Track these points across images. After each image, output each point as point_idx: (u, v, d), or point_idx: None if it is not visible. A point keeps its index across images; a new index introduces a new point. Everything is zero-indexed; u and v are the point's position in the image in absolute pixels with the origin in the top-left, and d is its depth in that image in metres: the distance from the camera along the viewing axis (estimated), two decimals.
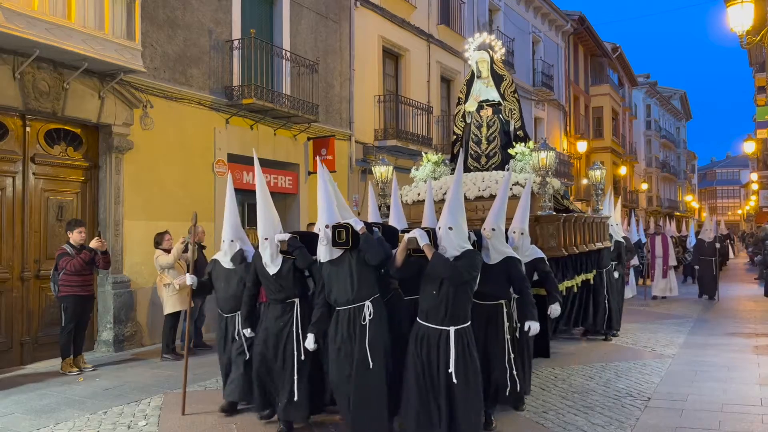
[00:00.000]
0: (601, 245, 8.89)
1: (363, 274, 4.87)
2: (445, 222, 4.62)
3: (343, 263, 4.90)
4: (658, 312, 12.45)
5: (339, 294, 4.91)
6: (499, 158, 8.41)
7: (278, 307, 5.33)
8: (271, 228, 5.36)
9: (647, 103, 43.88)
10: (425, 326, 4.59)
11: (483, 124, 8.67)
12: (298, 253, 5.22)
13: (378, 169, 8.84)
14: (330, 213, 5.04)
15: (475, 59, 9.00)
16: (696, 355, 8.24)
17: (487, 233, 5.38)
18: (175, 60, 9.90)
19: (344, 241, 4.85)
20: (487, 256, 5.32)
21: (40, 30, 7.37)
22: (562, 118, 26.75)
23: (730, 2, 8.38)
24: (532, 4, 23.59)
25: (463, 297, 4.56)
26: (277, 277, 5.29)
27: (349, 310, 4.88)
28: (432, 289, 4.56)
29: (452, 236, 4.57)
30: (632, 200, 37.21)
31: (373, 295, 4.91)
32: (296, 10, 12.47)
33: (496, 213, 5.44)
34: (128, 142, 9.05)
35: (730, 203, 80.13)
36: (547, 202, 7.25)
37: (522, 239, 6.01)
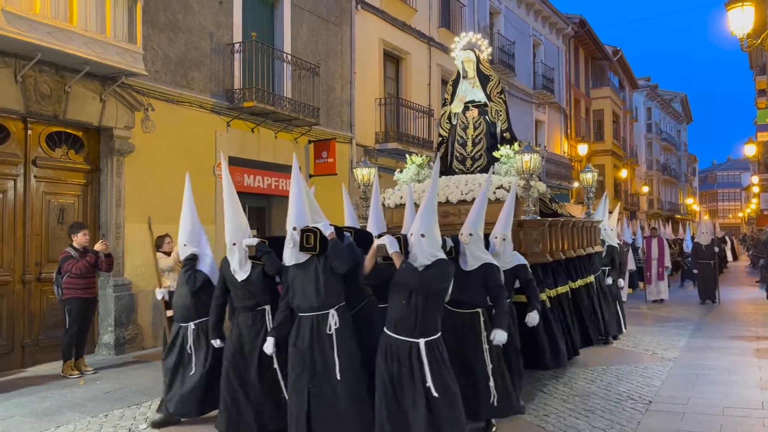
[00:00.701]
0: (591, 250, 8.59)
1: (329, 281, 4.68)
2: (417, 229, 4.40)
3: (309, 268, 4.72)
4: (659, 315, 12.44)
5: (302, 300, 4.72)
6: (485, 161, 8.16)
7: (248, 316, 5.13)
8: (238, 233, 5.15)
9: (648, 106, 43.90)
10: (394, 338, 4.36)
11: (469, 126, 8.41)
12: (266, 258, 5.02)
13: (359, 171, 8.54)
14: (299, 215, 4.84)
15: (461, 59, 8.73)
16: (697, 359, 8.23)
17: (464, 238, 5.20)
18: (177, 63, 9.92)
19: (312, 246, 4.66)
20: (464, 262, 5.18)
21: (42, 33, 7.39)
22: (562, 121, 26.76)
23: (731, 5, 8.40)
24: (533, 8, 23.62)
25: (434, 308, 4.36)
26: (246, 283, 5.09)
27: (312, 317, 4.68)
28: (401, 298, 4.35)
29: (424, 244, 4.36)
30: (633, 203, 37.20)
31: (339, 303, 4.74)
32: (297, 14, 12.49)
33: (474, 217, 5.26)
34: (129, 145, 9.06)
35: (731, 206, 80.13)
36: (531, 206, 7.02)
37: (504, 245, 5.82)
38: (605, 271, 9.33)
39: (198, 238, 5.66)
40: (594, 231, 9.05)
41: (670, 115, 50.26)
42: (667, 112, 49.02)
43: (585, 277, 8.28)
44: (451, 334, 4.96)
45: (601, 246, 9.34)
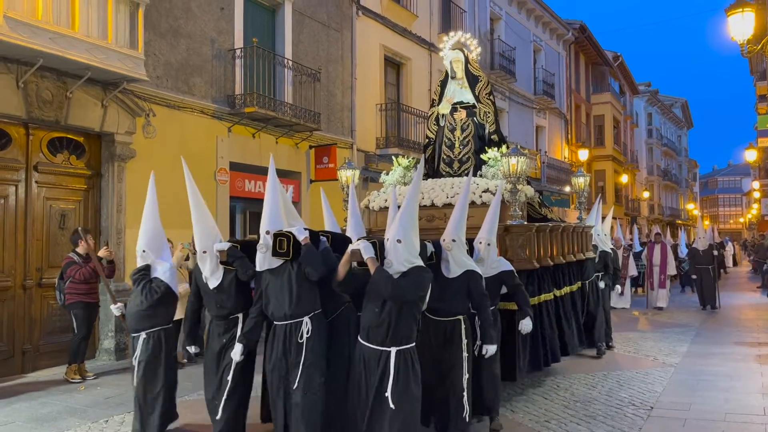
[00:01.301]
0: (582, 256, 8.31)
1: (303, 287, 4.50)
2: (394, 234, 4.20)
3: (282, 274, 4.54)
4: (660, 321, 12.42)
5: (276, 307, 4.55)
6: (473, 163, 7.92)
7: (221, 324, 4.95)
8: (208, 239, 4.92)
9: (648, 111, 43.94)
10: (366, 347, 4.22)
11: (456, 128, 8.14)
12: (238, 263, 4.81)
13: (343, 173, 8.19)
14: (273, 218, 4.64)
15: (450, 59, 8.45)
16: (699, 364, 8.21)
17: (446, 245, 5.01)
18: (178, 69, 9.95)
19: (285, 251, 4.49)
20: (447, 269, 5.01)
21: (43, 39, 7.41)
22: (563, 127, 26.79)
23: (731, 11, 8.41)
24: (534, 13, 23.68)
25: (409, 316, 4.19)
26: (219, 290, 4.90)
27: (285, 326, 4.52)
28: (374, 306, 4.18)
29: (400, 249, 4.17)
30: (634, 208, 37.19)
31: (313, 310, 4.57)
32: (298, 20, 12.52)
33: (456, 223, 5.05)
34: (131, 150, 9.08)
35: (732, 211, 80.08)
36: (517, 211, 6.77)
37: (488, 250, 5.58)
38: (599, 276, 9.09)
39: (160, 244, 5.31)
40: (585, 236, 8.78)
41: (670, 121, 50.29)
42: (667, 117, 49.05)
43: (573, 284, 7.98)
44: (432, 342, 4.91)
45: (594, 252, 9.02)
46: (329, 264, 4.53)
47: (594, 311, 8.53)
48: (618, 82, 35.83)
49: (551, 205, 22.86)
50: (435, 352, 4.90)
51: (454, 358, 4.89)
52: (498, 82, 20.62)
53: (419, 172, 4.67)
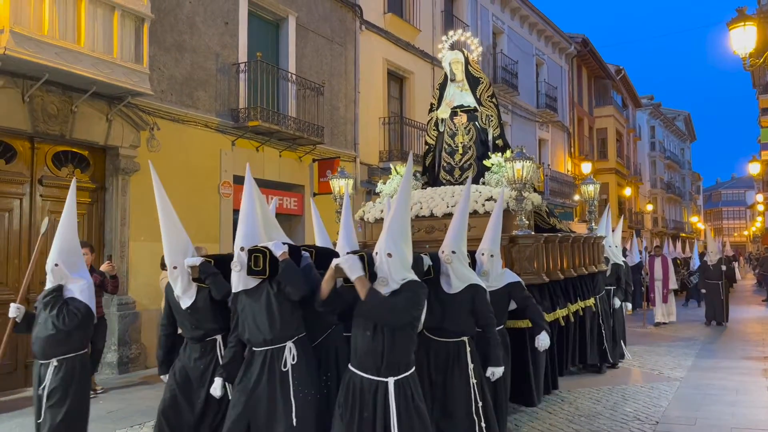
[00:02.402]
0: (594, 269, 7.90)
1: (285, 309, 4.03)
2: (383, 247, 3.75)
3: (260, 295, 4.07)
4: (665, 334, 12.34)
5: (254, 332, 4.06)
6: (475, 170, 7.42)
7: (197, 347, 4.45)
8: (179, 254, 4.43)
9: (651, 124, 43.98)
10: (358, 376, 3.69)
11: (457, 133, 7.65)
12: (211, 281, 4.34)
13: (335, 182, 7.68)
14: (249, 232, 4.19)
15: (449, 60, 7.91)
16: (704, 379, 8.15)
17: (445, 257, 4.58)
18: (182, 83, 10.01)
19: (261, 269, 4.01)
20: (447, 283, 4.57)
21: (49, 54, 7.48)
22: (566, 140, 26.83)
23: (733, 25, 8.44)
24: (536, 27, 23.80)
25: (405, 340, 3.71)
26: (192, 310, 4.41)
27: (265, 352, 4.03)
28: (365, 329, 3.69)
29: (391, 264, 3.71)
30: (637, 221, 37.11)
31: (297, 334, 4.09)
32: (302, 34, 12.61)
33: (456, 233, 4.65)
34: (135, 164, 9.12)
35: (736, 224, 79.86)
36: (524, 220, 6.24)
37: (492, 262, 5.20)
38: (610, 291, 8.78)
39: (75, 258, 4.65)
40: (597, 248, 8.36)
41: (673, 134, 50.32)
42: (670, 130, 49.09)
43: (587, 299, 7.61)
44: (433, 366, 4.50)
45: (605, 264, 8.74)
46: (312, 282, 4.08)
47: (605, 328, 8.16)
48: (620, 96, 35.92)
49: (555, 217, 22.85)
50: (437, 378, 4.48)
51: (461, 384, 4.41)
52: (501, 95, 20.69)
53: (407, 176, 4.10)
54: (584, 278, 7.62)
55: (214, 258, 4.52)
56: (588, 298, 7.61)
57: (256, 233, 4.21)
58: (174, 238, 4.48)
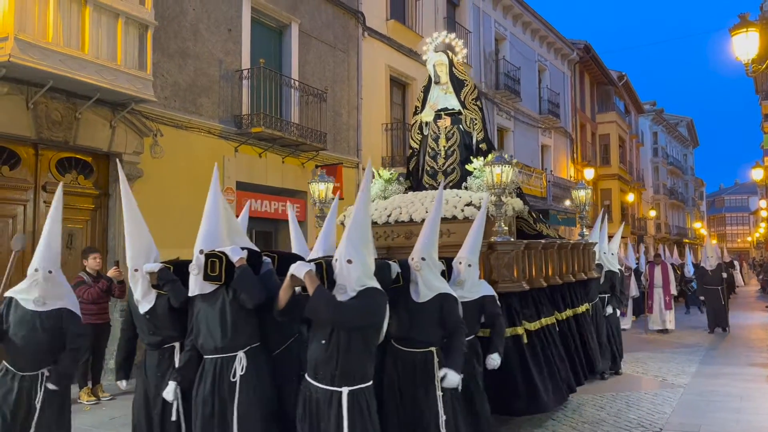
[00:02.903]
0: (584, 276, 7.61)
1: (239, 316, 3.90)
2: (343, 253, 3.63)
3: (216, 301, 3.95)
4: (668, 341, 12.30)
5: (206, 339, 3.94)
6: (458, 175, 7.22)
7: (155, 354, 4.34)
8: (141, 257, 4.33)
9: (654, 130, 43.97)
10: (313, 386, 3.59)
11: (441, 136, 7.43)
12: (169, 287, 4.20)
13: (315, 186, 7.44)
14: (209, 235, 4.08)
15: (433, 62, 7.72)
16: (708, 385, 8.12)
17: (414, 264, 4.42)
18: (186, 89, 10.05)
19: (216, 274, 3.90)
20: (416, 292, 4.41)
21: (54, 61, 7.51)
22: (568, 146, 26.83)
23: (735, 31, 8.45)
24: (538, 34, 23.84)
25: (361, 348, 3.56)
26: (151, 316, 4.28)
27: (215, 360, 3.91)
28: (321, 336, 3.57)
29: (351, 271, 3.57)
30: (641, 227, 37.06)
31: (250, 343, 3.96)
32: (305, 41, 12.65)
33: (426, 239, 4.49)
34: (138, 170, 9.14)
35: (740, 230, 79.69)
36: (503, 226, 6.01)
37: (468, 272, 5.02)
38: (604, 299, 8.50)
39: (55, 260, 4.51)
40: (587, 254, 8.04)
41: (676, 140, 50.30)
42: (673, 136, 49.07)
43: (576, 307, 7.34)
44: (400, 377, 4.37)
45: (599, 271, 8.37)
46: (270, 289, 3.91)
47: (598, 337, 7.87)
48: (623, 102, 35.92)
49: (558, 224, 22.83)
50: (404, 389, 4.33)
51: (427, 396, 4.27)
52: (503, 101, 20.72)
53: (367, 180, 4.00)
54: (573, 286, 7.33)
55: (174, 264, 4.36)
56: (577, 305, 7.34)
57: (217, 237, 4.10)
58: (137, 240, 4.39)
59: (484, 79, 19.68)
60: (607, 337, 8.38)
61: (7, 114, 7.70)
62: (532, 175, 21.12)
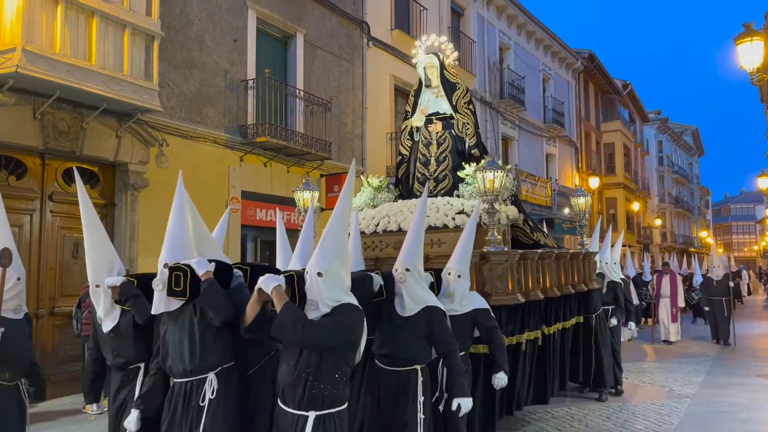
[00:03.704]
0: (584, 288, 7.28)
1: (208, 336, 3.55)
2: (314, 265, 3.32)
3: (183, 319, 3.60)
4: (675, 351, 12.23)
5: (175, 360, 3.58)
6: (450, 182, 6.92)
7: (118, 376, 4.00)
8: (102, 271, 3.99)
9: (659, 139, 43.92)
10: (282, 410, 3.31)
11: (432, 142, 7.13)
12: (131, 303, 3.87)
13: (299, 195, 7.18)
14: (174, 247, 3.73)
15: (423, 65, 7.35)
16: (716, 395, 8.06)
17: (398, 276, 4.14)
18: (191, 99, 10.10)
19: (181, 289, 3.55)
20: (401, 305, 4.14)
21: (61, 72, 7.57)
22: (573, 155, 26.82)
23: (740, 40, 8.45)
24: (542, 43, 23.90)
25: (332, 370, 3.23)
26: (114, 335, 3.94)
27: (185, 384, 3.56)
28: (289, 357, 3.28)
29: (322, 285, 3.27)
30: (646, 236, 36.95)
31: (222, 364, 3.62)
32: (310, 51, 12.71)
33: (410, 249, 4.22)
34: (144, 180, 9.18)
35: (746, 239, 79.36)
36: (496, 235, 5.65)
37: (458, 284, 4.71)
38: (608, 311, 8.11)
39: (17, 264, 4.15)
40: (587, 264, 7.68)
41: (681, 148, 50.22)
42: (678, 144, 49.00)
43: (567, 320, 6.97)
44: (382, 397, 4.09)
45: (600, 282, 8.04)
46: (239, 304, 3.57)
47: (601, 350, 7.54)
48: (628, 110, 35.91)
49: (563, 233, 22.78)
50: (386, 410, 4.06)
51: (407, 419, 3.96)
52: (508, 110, 20.75)
53: (347, 188, 3.66)
54: (570, 297, 6.99)
55: (137, 277, 4.02)
56: (570, 318, 7.03)
57: (185, 247, 3.76)
58: (97, 252, 4.04)
59: (488, 88, 19.72)
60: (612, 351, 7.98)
61: (15, 124, 7.75)
62: (537, 184, 21.10)
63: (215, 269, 3.67)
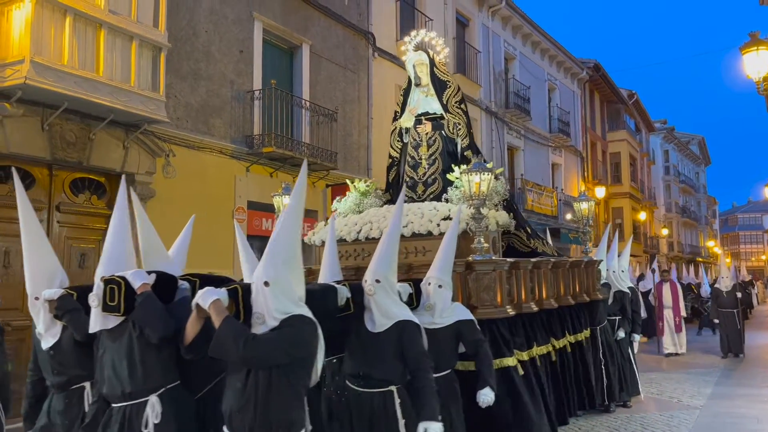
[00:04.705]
0: (586, 298, 6.88)
1: (148, 354, 3.23)
2: (260, 274, 3.04)
3: (122, 336, 3.26)
4: (683, 362, 12.14)
5: (111, 383, 3.26)
6: (440, 186, 6.51)
7: (61, 398, 3.64)
8: (42, 281, 3.66)
9: (665, 148, 43.82)
10: None
11: (422, 144, 6.72)
12: (68, 318, 3.54)
13: (279, 200, 6.95)
14: (112, 258, 3.47)
15: (412, 62, 6.96)
16: (725, 407, 7.99)
17: (367, 288, 3.80)
18: (198, 110, 10.16)
19: (115, 304, 3.24)
20: (371, 320, 3.80)
21: (69, 83, 7.62)
22: (579, 164, 26.79)
23: (745, 49, 8.44)
24: (548, 53, 23.94)
25: (285, 391, 2.92)
26: (55, 352, 3.61)
27: (123, 409, 3.22)
28: (236, 379, 2.97)
29: (268, 296, 2.97)
30: (653, 246, 36.79)
31: (165, 385, 3.28)
32: (316, 61, 12.77)
33: (381, 258, 3.89)
34: (151, 190, 9.22)
35: (754, 249, 78.86)
36: (482, 243, 5.18)
37: (439, 294, 4.34)
38: (615, 322, 7.79)
39: None
40: (590, 274, 7.27)
41: (687, 158, 50.08)
42: (684, 154, 48.88)
43: (579, 332, 6.65)
44: (354, 423, 3.76)
45: (606, 292, 7.70)
46: (180, 320, 3.24)
47: (609, 364, 7.28)
48: (633, 120, 35.89)
49: (569, 242, 22.70)
50: None
51: None
52: (513, 120, 20.77)
53: (298, 188, 3.38)
54: (576, 308, 6.64)
55: (78, 290, 3.66)
56: (581, 331, 6.70)
57: (124, 258, 3.50)
58: (36, 261, 3.71)
59: (494, 98, 19.75)
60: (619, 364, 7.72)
61: (23, 135, 7.81)
62: (543, 194, 21.07)
63: (157, 281, 3.40)
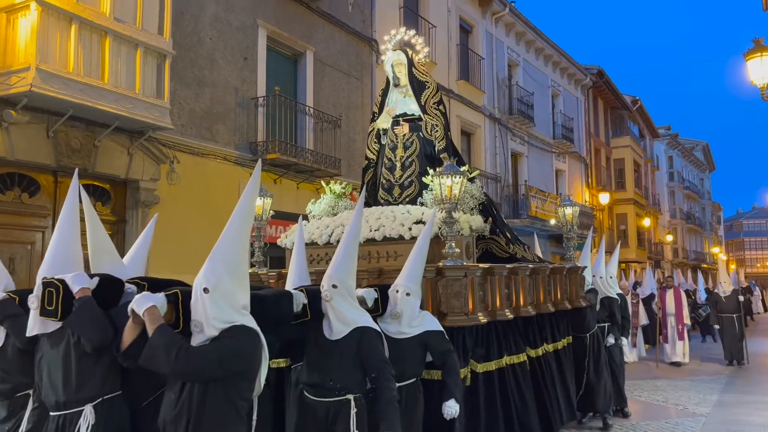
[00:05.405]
0: (567, 305, 6.65)
1: (86, 361, 3.07)
2: (200, 280, 2.93)
3: (60, 343, 3.11)
4: (688, 369, 12.08)
5: (48, 390, 3.11)
6: (416, 189, 6.30)
7: (4, 405, 3.55)
8: None
9: (669, 154, 43.77)
10: None
11: (398, 145, 6.55)
12: (9, 324, 3.43)
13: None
14: (56, 259, 3.35)
15: (390, 62, 6.77)
16: (731, 414, 7.95)
17: (324, 293, 3.68)
18: (202, 117, 10.19)
19: (53, 308, 3.09)
20: (328, 327, 3.68)
21: (74, 90, 7.66)
22: (583, 171, 26.76)
23: (749, 56, 8.44)
24: (551, 59, 23.97)
25: (221, 404, 2.79)
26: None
27: (58, 418, 3.06)
28: (172, 388, 2.86)
29: (207, 303, 2.86)
30: (657, 252, 36.70)
31: (101, 395, 3.11)
32: (319, 68, 12.82)
33: (339, 262, 3.76)
34: (155, 196, 9.24)
35: (759, 255, 78.60)
36: (453, 248, 4.95)
37: (406, 302, 4.16)
38: (604, 329, 7.51)
39: None
40: (572, 280, 7.03)
41: (692, 164, 50.00)
42: (688, 160, 48.80)
43: (558, 341, 6.40)
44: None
45: (593, 298, 7.38)
46: (120, 327, 3.09)
47: (596, 372, 6.98)
48: (637, 126, 35.86)
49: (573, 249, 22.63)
50: None
51: None
52: (517, 127, 20.78)
53: (249, 189, 3.24)
54: (555, 316, 6.43)
55: (20, 294, 3.54)
56: (559, 339, 6.47)
57: (69, 260, 3.36)
58: None
59: (497, 104, 19.77)
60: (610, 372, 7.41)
61: (28, 142, 7.84)
62: (547, 200, 21.05)
63: (100, 284, 3.25)
